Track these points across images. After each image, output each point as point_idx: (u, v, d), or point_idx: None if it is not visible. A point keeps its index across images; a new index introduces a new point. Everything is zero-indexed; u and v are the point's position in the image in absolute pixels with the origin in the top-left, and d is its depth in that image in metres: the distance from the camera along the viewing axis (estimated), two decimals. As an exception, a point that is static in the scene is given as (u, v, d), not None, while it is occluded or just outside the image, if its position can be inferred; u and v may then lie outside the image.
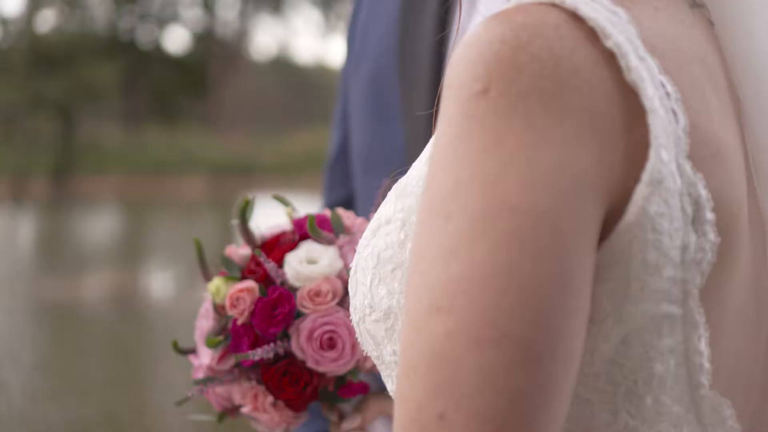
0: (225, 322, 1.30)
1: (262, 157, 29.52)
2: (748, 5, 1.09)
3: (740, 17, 1.08)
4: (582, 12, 0.94)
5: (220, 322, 1.30)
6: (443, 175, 0.91)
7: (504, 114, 0.90)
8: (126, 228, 20.86)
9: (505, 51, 0.91)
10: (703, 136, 0.97)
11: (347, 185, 1.95)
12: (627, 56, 0.93)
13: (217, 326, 1.30)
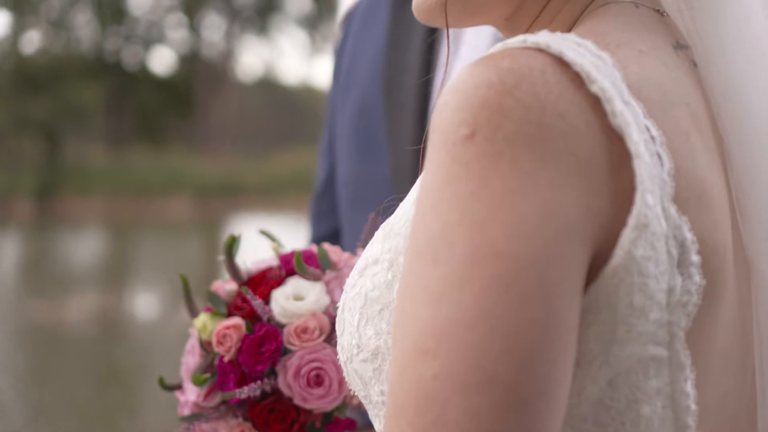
0: (211, 358, 1.29)
1: (248, 177, 29.52)
2: (730, 46, 1.10)
3: (723, 58, 1.09)
4: (567, 57, 0.95)
5: (207, 359, 1.30)
6: (430, 219, 0.92)
7: (490, 158, 0.91)
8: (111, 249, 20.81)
9: (491, 96, 0.92)
10: (687, 179, 0.98)
11: (334, 217, 1.95)
12: (612, 101, 0.94)
13: (203, 363, 1.29)
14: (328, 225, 1.97)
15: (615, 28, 1.05)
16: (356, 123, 1.88)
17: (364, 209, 1.80)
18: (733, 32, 1.10)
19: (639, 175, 0.93)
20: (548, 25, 1.12)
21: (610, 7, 1.09)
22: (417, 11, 1.15)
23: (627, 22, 1.07)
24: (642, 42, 1.05)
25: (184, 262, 17.88)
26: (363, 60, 1.91)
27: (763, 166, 1.07)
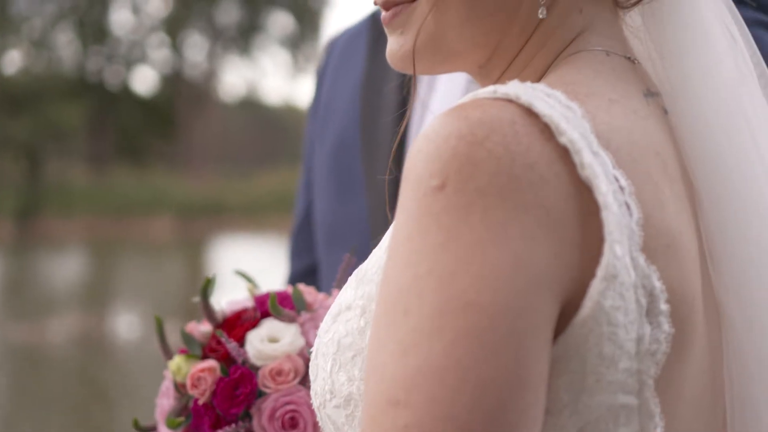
0: (186, 401, 1.29)
1: (231, 197, 29.48)
2: (700, 93, 1.11)
3: (693, 105, 1.11)
4: (537, 108, 0.96)
5: (181, 402, 1.30)
6: (401, 269, 0.93)
7: (461, 210, 0.92)
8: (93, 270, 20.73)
9: (461, 147, 0.93)
10: (656, 228, 0.99)
11: (312, 254, 1.96)
12: (581, 153, 0.95)
13: (178, 406, 1.29)
14: (306, 261, 1.97)
15: (585, 76, 1.06)
16: (334, 160, 1.88)
17: (340, 247, 1.80)
18: (702, 79, 1.11)
19: (607, 226, 0.94)
20: (521, 72, 1.13)
21: (582, 55, 1.10)
22: (391, 59, 1.15)
23: (598, 70, 1.08)
24: (612, 90, 1.06)
25: (167, 283, 17.83)
26: (341, 96, 1.92)
27: (733, 212, 1.08)
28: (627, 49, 1.14)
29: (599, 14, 1.13)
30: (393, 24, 1.14)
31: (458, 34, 1.11)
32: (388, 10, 1.14)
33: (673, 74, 1.12)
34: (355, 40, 1.94)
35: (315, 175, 1.94)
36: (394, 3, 1.13)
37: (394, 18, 1.14)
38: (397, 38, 1.14)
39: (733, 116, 1.10)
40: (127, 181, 30.15)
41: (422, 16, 1.11)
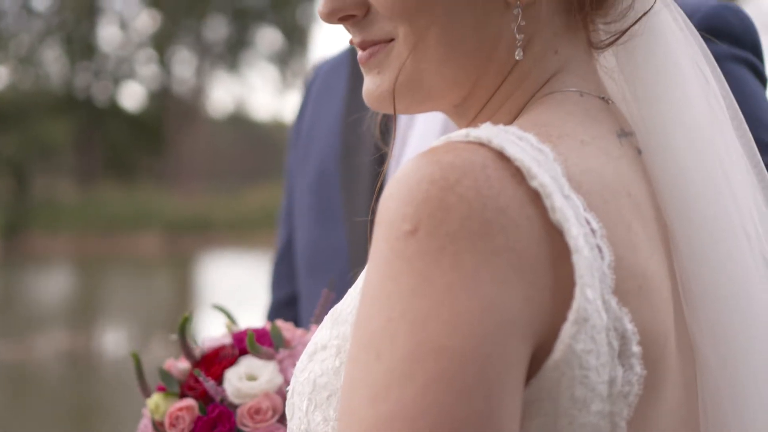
0: (164, 439, 1.29)
1: (219, 213, 29.42)
2: (674, 132, 1.12)
3: (667, 144, 1.12)
4: (508, 152, 0.96)
5: (160, 440, 1.30)
6: (374, 313, 0.93)
7: (432, 254, 0.92)
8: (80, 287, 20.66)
9: (433, 191, 0.94)
10: (628, 269, 0.99)
11: (293, 282, 1.96)
12: (552, 196, 0.95)
13: (156, 444, 1.29)
14: (287, 289, 1.97)
15: (558, 117, 1.07)
16: (314, 190, 1.89)
17: (321, 277, 1.81)
18: (676, 120, 1.12)
19: (578, 270, 0.95)
20: (496, 112, 1.14)
21: (556, 95, 1.11)
22: (367, 99, 1.16)
23: (571, 111, 1.09)
24: (585, 131, 1.06)
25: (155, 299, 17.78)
26: (321, 127, 1.92)
27: (706, 251, 1.09)
28: (601, 89, 1.15)
29: (574, 55, 1.14)
30: (369, 64, 1.15)
31: (436, 75, 1.11)
32: (365, 50, 1.15)
33: (647, 115, 1.13)
34: (336, 70, 1.95)
35: (296, 204, 1.94)
36: (370, 43, 1.14)
37: (371, 58, 1.14)
38: (374, 78, 1.15)
39: (706, 156, 1.11)
40: (114, 198, 30.07)
41: (399, 57, 1.12)
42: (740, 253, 1.10)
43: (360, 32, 1.14)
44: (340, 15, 1.14)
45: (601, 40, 1.15)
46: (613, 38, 1.14)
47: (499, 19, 1.10)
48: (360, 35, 1.14)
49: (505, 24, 1.10)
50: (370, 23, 1.13)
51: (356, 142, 1.83)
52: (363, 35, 1.14)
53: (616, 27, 1.14)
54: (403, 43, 1.11)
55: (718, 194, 1.11)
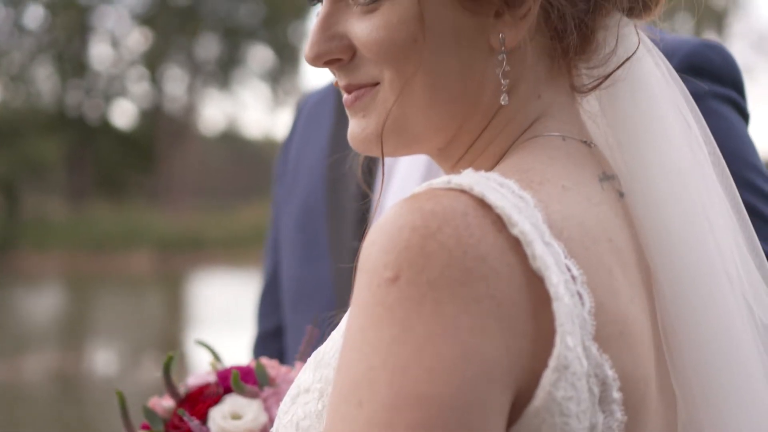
0: (149, 479, 1.29)
1: (210, 231, 29.38)
2: (656, 176, 1.13)
3: (649, 188, 1.12)
4: (489, 199, 0.97)
5: (144, 479, 1.29)
6: (356, 360, 0.94)
7: (413, 302, 0.93)
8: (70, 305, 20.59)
9: (414, 239, 0.94)
10: (609, 315, 1.00)
11: (279, 314, 1.96)
12: (532, 244, 0.96)
13: (141, 483, 1.29)
14: (273, 321, 1.98)
15: (540, 162, 1.08)
16: (300, 223, 1.89)
17: (306, 310, 1.81)
18: (658, 163, 1.13)
19: (559, 317, 0.95)
20: (479, 156, 1.15)
21: (538, 140, 1.12)
22: (352, 142, 1.17)
23: (553, 156, 1.10)
24: (566, 177, 1.07)
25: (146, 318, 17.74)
26: (308, 160, 1.93)
27: (689, 293, 1.10)
28: (584, 133, 1.16)
29: (557, 100, 1.15)
30: (355, 107, 1.15)
31: (421, 119, 1.12)
32: (350, 93, 1.15)
33: (630, 159, 1.14)
34: (322, 103, 1.96)
35: (282, 237, 1.95)
36: (356, 86, 1.15)
37: (356, 101, 1.15)
38: (359, 121, 1.15)
39: (688, 200, 1.12)
40: (105, 215, 30.02)
41: (385, 101, 1.12)
42: (722, 295, 1.11)
43: (346, 76, 1.15)
44: (326, 59, 1.15)
45: (584, 84, 1.16)
46: (596, 83, 1.15)
47: (484, 64, 1.11)
48: (346, 78, 1.15)
49: (490, 69, 1.11)
50: (355, 67, 1.14)
51: (342, 174, 1.83)
52: (349, 79, 1.15)
53: (599, 72, 1.15)
54: (389, 88, 1.12)
55: (700, 237, 1.12)
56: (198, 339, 1.44)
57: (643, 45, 1.17)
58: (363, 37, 1.11)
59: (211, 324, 16.11)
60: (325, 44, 1.14)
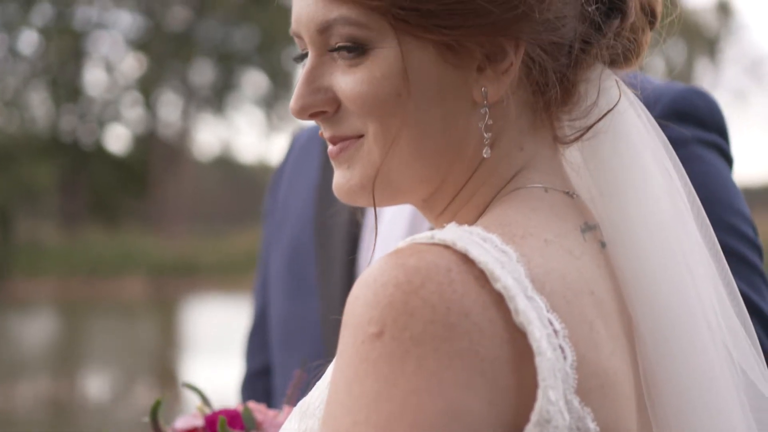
0: None
1: (204, 256, 29.33)
2: (638, 227, 1.14)
3: (631, 238, 1.14)
4: (472, 255, 0.98)
5: None
6: (340, 414, 0.95)
7: (397, 358, 0.94)
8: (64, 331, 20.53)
9: (398, 295, 0.96)
10: (590, 369, 1.01)
11: (267, 353, 1.97)
12: (515, 299, 0.97)
13: None
14: (261, 360, 1.98)
15: (523, 215, 1.09)
16: (288, 262, 1.90)
17: (294, 350, 1.82)
18: (641, 217, 1.14)
19: (541, 372, 0.97)
20: (462, 207, 1.16)
21: (521, 192, 1.13)
22: (337, 192, 1.18)
23: (535, 207, 1.11)
24: (549, 229, 1.08)
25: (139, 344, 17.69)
26: (296, 199, 1.94)
27: (670, 343, 1.11)
28: (566, 183, 1.17)
29: (539, 151, 1.16)
30: (339, 159, 1.17)
31: (405, 171, 1.14)
32: (335, 144, 1.17)
33: (611, 209, 1.15)
34: (313, 141, 1.97)
35: (271, 276, 1.95)
36: (340, 138, 1.16)
37: (341, 153, 1.16)
38: (344, 172, 1.17)
39: (669, 250, 1.13)
40: (99, 240, 29.96)
41: (369, 153, 1.14)
42: (703, 344, 1.12)
43: (330, 127, 1.17)
44: (311, 111, 1.16)
45: (567, 135, 1.17)
46: (578, 134, 1.16)
47: (467, 118, 1.13)
48: (330, 130, 1.17)
49: (473, 122, 1.13)
50: (340, 119, 1.15)
51: (330, 217, 1.84)
52: (333, 130, 1.16)
53: (581, 123, 1.17)
54: (373, 141, 1.13)
55: (681, 287, 1.13)
56: (186, 382, 1.45)
57: (624, 97, 1.18)
58: (347, 90, 1.13)
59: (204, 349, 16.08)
60: (310, 97, 1.15)
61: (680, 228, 1.15)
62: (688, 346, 1.11)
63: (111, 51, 33.91)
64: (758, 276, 1.57)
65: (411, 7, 1.09)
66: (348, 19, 1.11)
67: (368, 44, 1.11)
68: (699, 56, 33.87)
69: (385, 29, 1.10)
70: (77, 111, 34.05)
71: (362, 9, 1.10)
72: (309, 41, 1.16)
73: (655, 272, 1.12)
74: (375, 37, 1.11)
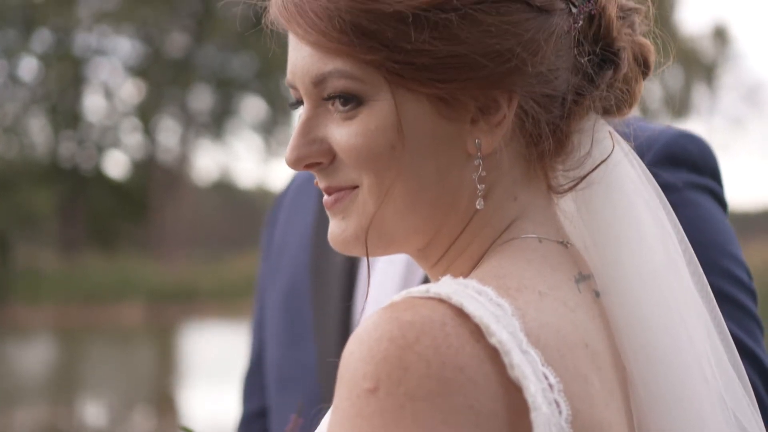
0: None
1: (203, 282, 29.27)
2: (632, 276, 1.15)
3: (625, 288, 1.15)
4: (467, 309, 0.99)
5: None
6: None
7: (392, 413, 0.94)
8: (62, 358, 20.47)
9: (392, 350, 0.96)
10: (585, 422, 1.02)
11: (264, 395, 1.97)
12: (510, 353, 0.98)
13: None
14: (258, 402, 1.98)
15: (517, 267, 1.10)
16: (284, 304, 1.90)
17: (290, 393, 1.82)
18: (633, 263, 1.15)
19: (537, 427, 0.97)
20: (457, 258, 1.17)
21: (515, 243, 1.14)
22: (333, 242, 1.18)
23: (530, 259, 1.11)
24: (543, 281, 1.09)
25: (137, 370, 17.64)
26: (292, 241, 1.94)
27: (664, 393, 1.12)
28: (560, 233, 1.18)
29: (533, 201, 1.17)
30: (335, 209, 1.17)
31: (399, 223, 1.14)
32: (330, 195, 1.17)
33: (605, 259, 1.16)
34: (307, 184, 1.97)
35: (267, 318, 1.96)
36: (335, 188, 1.17)
37: (336, 203, 1.17)
38: (339, 223, 1.17)
39: (662, 300, 1.14)
40: (97, 266, 29.90)
41: (364, 204, 1.15)
42: (697, 394, 1.13)
43: (325, 178, 1.17)
44: (307, 162, 1.17)
45: (561, 185, 1.18)
46: (572, 184, 1.17)
47: (461, 170, 1.13)
48: (326, 181, 1.17)
49: (467, 173, 1.14)
50: (335, 170, 1.16)
51: (327, 257, 1.85)
52: (328, 181, 1.17)
53: (575, 173, 1.17)
54: (368, 192, 1.14)
55: (675, 337, 1.13)
56: (182, 426, 1.45)
57: (618, 147, 1.19)
58: (342, 143, 1.14)
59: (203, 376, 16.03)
60: (305, 148, 1.16)
61: (673, 277, 1.16)
62: (682, 395, 1.12)
63: (110, 77, 33.99)
64: (752, 320, 1.58)
65: (405, 61, 1.10)
66: (343, 72, 1.12)
67: (363, 97, 1.12)
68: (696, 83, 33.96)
69: (380, 82, 1.11)
70: (76, 137, 34.08)
71: (357, 62, 1.11)
72: (304, 92, 1.17)
73: (649, 321, 1.13)
74: (369, 90, 1.12)
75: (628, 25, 1.21)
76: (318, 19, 1.11)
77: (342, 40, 1.10)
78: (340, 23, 1.10)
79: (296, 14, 1.13)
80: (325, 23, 1.11)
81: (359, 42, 1.10)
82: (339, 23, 1.10)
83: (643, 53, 1.22)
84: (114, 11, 32.20)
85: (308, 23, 1.12)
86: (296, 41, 1.16)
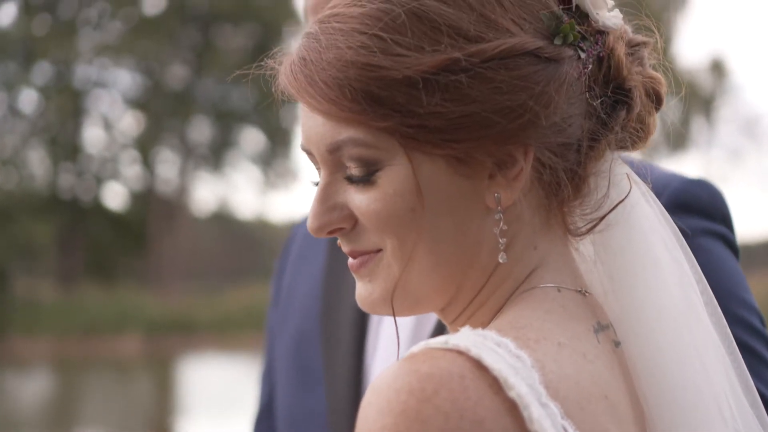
0: None
1: (201, 314, 29.20)
2: (652, 324, 1.15)
3: (644, 333, 1.14)
4: (486, 362, 0.99)
5: None
6: None
7: None
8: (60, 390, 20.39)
9: (411, 403, 0.96)
10: None
11: None
12: (529, 407, 0.98)
13: None
14: None
15: (537, 318, 1.10)
16: (294, 351, 1.90)
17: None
18: (652, 308, 1.15)
19: None
20: (478, 310, 1.16)
21: (535, 292, 1.13)
22: (361, 304, 1.19)
23: (549, 309, 1.11)
24: (562, 332, 1.09)
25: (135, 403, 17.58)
26: (301, 287, 1.94)
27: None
28: (579, 281, 1.17)
29: (552, 249, 1.17)
30: (361, 273, 1.18)
31: (423, 283, 1.15)
32: (355, 258, 1.17)
33: (624, 304, 1.16)
34: None
35: (276, 363, 1.95)
36: (360, 252, 1.17)
37: (362, 267, 1.17)
38: (366, 285, 1.18)
39: (682, 345, 1.14)
40: (96, 298, 29.84)
41: (389, 267, 1.15)
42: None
43: (349, 243, 1.18)
44: (329, 229, 1.17)
45: (579, 227, 1.18)
46: (591, 225, 1.17)
47: (481, 224, 1.14)
48: (350, 245, 1.18)
49: (487, 228, 1.14)
50: (358, 235, 1.16)
51: (336, 303, 1.84)
52: (353, 246, 1.17)
53: (593, 215, 1.17)
54: (392, 255, 1.14)
55: (695, 382, 1.13)
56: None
57: (636, 187, 1.19)
58: (362, 208, 1.14)
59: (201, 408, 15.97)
60: (327, 216, 1.16)
61: (693, 320, 1.15)
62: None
63: (110, 109, 34.09)
64: (766, 368, 1.57)
65: (418, 125, 1.10)
66: (357, 141, 1.12)
67: (378, 163, 1.12)
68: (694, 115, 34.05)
69: (395, 147, 1.11)
70: (76, 169, 34.11)
71: (370, 130, 1.11)
72: (320, 160, 1.17)
73: (669, 368, 1.13)
74: (385, 155, 1.12)
75: (638, 62, 1.21)
76: (328, 89, 1.11)
77: (354, 108, 1.10)
78: (351, 92, 1.10)
79: (306, 85, 1.13)
80: (336, 93, 1.11)
81: (371, 110, 1.10)
82: (350, 92, 1.10)
83: (654, 87, 1.22)
84: (114, 44, 32.31)
85: (319, 93, 1.12)
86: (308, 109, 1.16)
